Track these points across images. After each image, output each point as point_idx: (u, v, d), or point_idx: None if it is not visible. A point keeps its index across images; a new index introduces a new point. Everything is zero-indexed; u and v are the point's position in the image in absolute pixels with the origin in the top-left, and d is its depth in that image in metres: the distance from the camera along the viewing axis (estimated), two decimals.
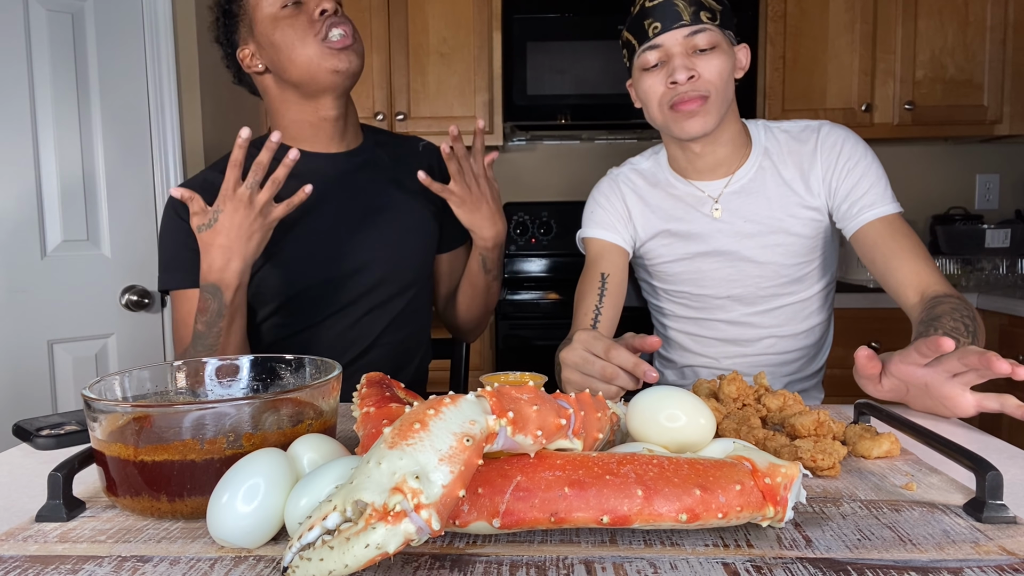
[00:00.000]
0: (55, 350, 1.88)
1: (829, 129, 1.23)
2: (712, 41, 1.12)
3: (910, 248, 1.14)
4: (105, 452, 0.59)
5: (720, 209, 1.24)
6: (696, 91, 1.12)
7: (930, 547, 0.52)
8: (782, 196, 1.22)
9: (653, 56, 1.15)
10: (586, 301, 1.26)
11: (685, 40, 1.12)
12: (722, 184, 1.25)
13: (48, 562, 0.51)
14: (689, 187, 1.26)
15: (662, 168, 1.30)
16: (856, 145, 1.21)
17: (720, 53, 1.13)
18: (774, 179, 1.23)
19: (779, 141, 1.24)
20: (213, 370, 0.75)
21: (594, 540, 0.53)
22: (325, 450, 0.58)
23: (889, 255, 1.14)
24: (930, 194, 2.85)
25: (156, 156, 2.02)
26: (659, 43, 1.13)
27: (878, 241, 1.16)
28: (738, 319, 1.29)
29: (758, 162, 1.24)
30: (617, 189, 1.32)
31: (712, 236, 1.25)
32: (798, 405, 0.78)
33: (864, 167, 1.19)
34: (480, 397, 0.49)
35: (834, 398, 1.47)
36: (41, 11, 1.80)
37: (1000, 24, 2.49)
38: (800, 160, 1.22)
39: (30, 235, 1.81)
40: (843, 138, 1.21)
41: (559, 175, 2.98)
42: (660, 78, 1.15)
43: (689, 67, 1.11)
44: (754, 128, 1.27)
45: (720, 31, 1.13)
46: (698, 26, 1.11)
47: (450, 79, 2.60)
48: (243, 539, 0.51)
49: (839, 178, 1.20)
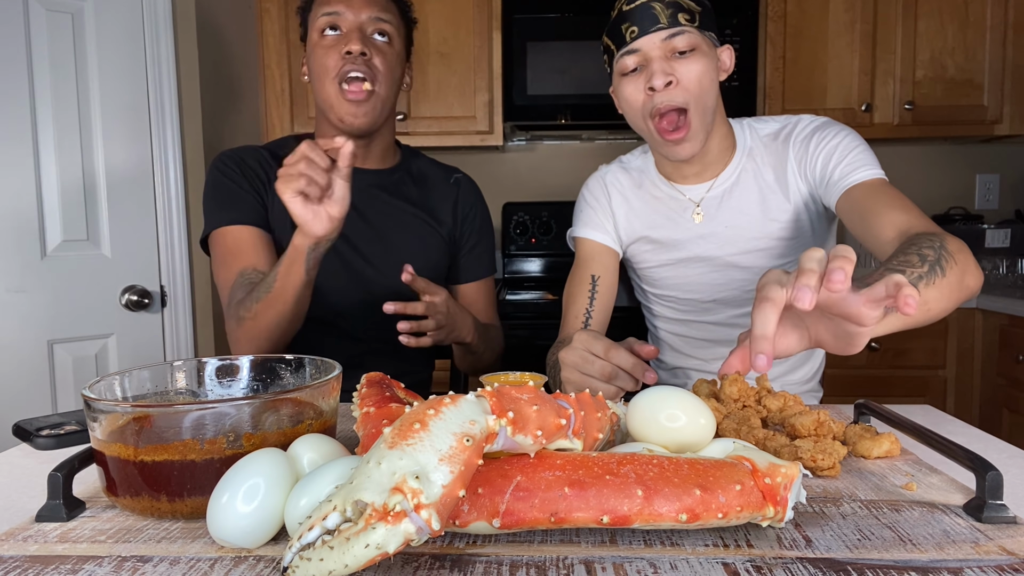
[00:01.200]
0: (55, 350, 1.88)
1: (804, 123, 1.19)
2: (691, 43, 1.09)
3: (893, 200, 1.03)
4: (105, 452, 0.59)
5: (702, 214, 1.22)
6: (673, 101, 1.09)
7: (930, 547, 0.52)
8: (762, 199, 1.20)
9: (631, 60, 1.12)
10: (576, 303, 1.25)
11: (663, 43, 1.09)
12: (705, 188, 1.23)
13: (48, 562, 0.51)
14: (672, 190, 1.25)
15: (649, 168, 1.29)
16: (828, 127, 1.17)
17: (700, 56, 1.10)
18: (755, 181, 1.21)
19: (761, 142, 1.22)
20: (213, 370, 0.75)
21: (594, 540, 0.53)
22: (325, 450, 0.58)
23: (868, 214, 1.04)
24: (930, 194, 2.85)
25: (156, 156, 2.02)
26: (637, 47, 1.10)
27: (857, 202, 1.08)
28: (726, 321, 1.28)
29: (741, 164, 1.22)
30: (604, 189, 1.31)
31: (694, 242, 1.23)
32: (798, 406, 0.78)
33: (837, 142, 1.14)
34: (480, 397, 0.49)
35: (834, 398, 1.47)
36: (41, 11, 1.80)
37: (1000, 24, 2.49)
38: (776, 160, 1.20)
39: (30, 235, 1.81)
40: (814, 126, 1.18)
41: (559, 175, 2.98)
42: (639, 84, 1.12)
43: (667, 71, 1.09)
44: (739, 129, 1.24)
45: (700, 33, 1.10)
46: (676, 28, 1.08)
47: (450, 79, 2.60)
48: (243, 539, 0.51)
49: (812, 161, 1.16)
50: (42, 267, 1.84)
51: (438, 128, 2.61)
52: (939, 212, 2.84)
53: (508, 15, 2.54)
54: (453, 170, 1.42)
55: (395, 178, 1.33)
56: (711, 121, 1.15)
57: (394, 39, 1.21)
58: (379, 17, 1.18)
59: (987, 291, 2.31)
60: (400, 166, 1.35)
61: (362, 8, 1.17)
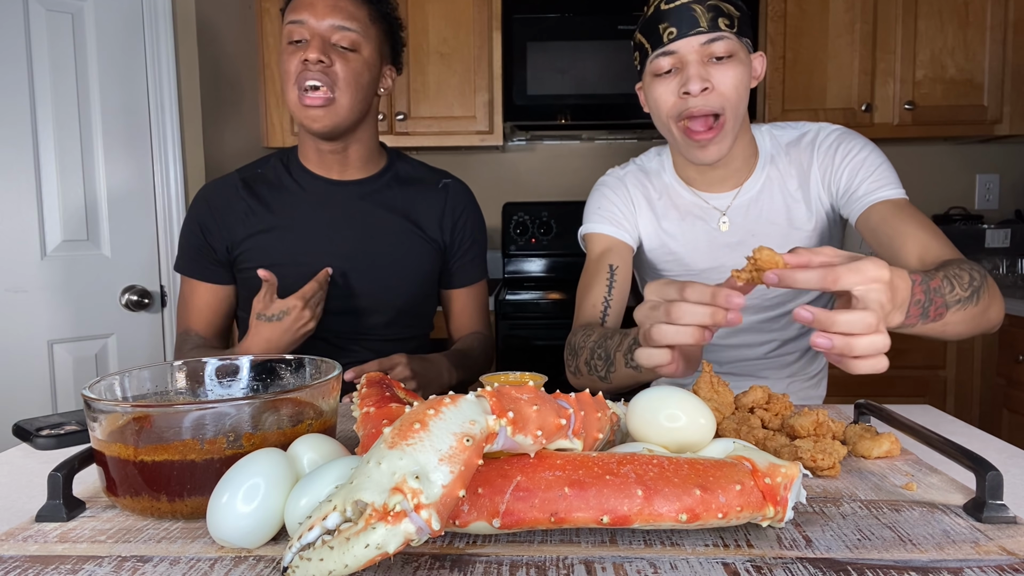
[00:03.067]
0: (55, 350, 1.88)
1: (826, 132, 1.19)
2: (729, 50, 1.06)
3: (918, 224, 1.05)
4: (105, 452, 0.59)
5: (728, 223, 1.20)
6: (708, 106, 1.07)
7: (930, 547, 0.52)
8: (787, 208, 1.19)
9: (667, 62, 1.08)
10: (594, 291, 1.21)
11: (701, 48, 1.06)
12: (731, 196, 1.20)
13: (48, 562, 0.51)
14: (696, 198, 1.22)
15: (667, 172, 1.26)
16: (852, 139, 1.17)
17: (737, 63, 1.07)
18: (780, 190, 1.19)
19: (782, 149, 1.21)
20: (213, 370, 0.75)
21: (594, 540, 0.53)
22: (325, 450, 0.58)
23: (893, 234, 1.06)
24: (930, 194, 2.85)
25: (156, 156, 2.02)
26: (674, 49, 1.07)
27: (882, 221, 1.09)
28: (742, 324, 1.26)
29: (765, 172, 1.20)
30: (624, 188, 1.28)
31: (719, 251, 1.21)
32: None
33: (862, 157, 1.14)
34: (480, 397, 0.49)
35: (834, 398, 1.47)
36: (41, 11, 1.80)
37: (1000, 24, 2.49)
38: (801, 169, 1.19)
39: (30, 235, 1.81)
40: (838, 136, 1.18)
41: (559, 175, 2.98)
42: (672, 87, 1.09)
43: (704, 77, 1.06)
44: (759, 135, 1.22)
45: (738, 39, 1.07)
46: (716, 33, 1.05)
47: (450, 79, 2.60)
48: (243, 539, 0.51)
49: (838, 175, 1.16)
50: (42, 267, 1.84)
51: (438, 128, 2.61)
52: (939, 212, 2.84)
53: (508, 15, 2.54)
54: (442, 174, 1.39)
55: (379, 185, 1.32)
56: (738, 128, 1.13)
57: (361, 45, 1.20)
58: (342, 25, 1.18)
59: None
60: (385, 171, 1.34)
61: (325, 15, 1.17)
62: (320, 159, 1.29)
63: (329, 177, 1.30)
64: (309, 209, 1.28)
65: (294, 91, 1.19)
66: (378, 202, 1.31)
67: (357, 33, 1.19)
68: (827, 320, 0.64)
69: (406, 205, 1.33)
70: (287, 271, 1.24)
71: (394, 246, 1.30)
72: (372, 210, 1.30)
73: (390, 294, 1.30)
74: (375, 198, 1.31)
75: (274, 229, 1.27)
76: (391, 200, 1.32)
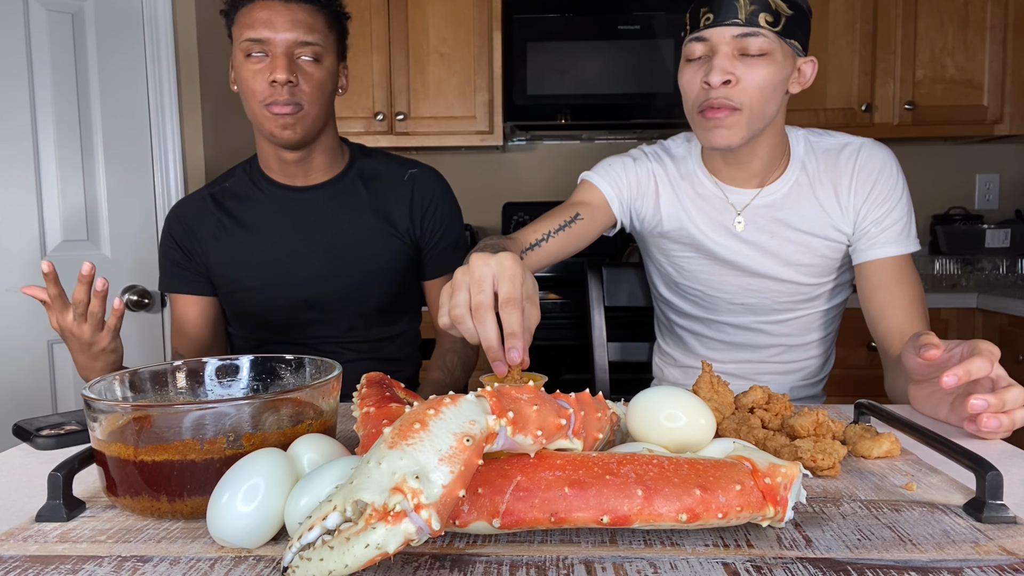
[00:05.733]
0: (55, 350, 1.88)
1: (870, 152, 1.16)
2: (764, 48, 1.02)
3: (911, 298, 1.11)
4: (105, 452, 0.59)
5: (743, 223, 1.18)
6: (728, 100, 1.04)
7: (930, 547, 0.52)
8: (815, 216, 1.16)
9: (698, 48, 1.06)
10: (543, 223, 1.15)
11: (733, 40, 1.02)
12: (751, 194, 1.18)
13: (48, 562, 0.51)
14: (716, 189, 1.20)
15: (693, 158, 1.23)
16: (892, 175, 1.15)
17: (770, 63, 1.03)
18: (808, 197, 1.17)
19: (818, 158, 1.18)
20: (213, 370, 0.75)
21: (594, 540, 0.53)
22: (325, 450, 0.58)
23: (889, 301, 1.12)
24: (930, 194, 2.85)
25: (156, 156, 2.02)
26: (706, 36, 1.04)
27: (882, 282, 1.13)
28: (748, 325, 1.25)
29: (795, 177, 1.17)
30: (648, 167, 1.23)
31: (731, 248, 1.19)
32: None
33: (895, 201, 1.14)
34: (480, 397, 0.49)
35: (834, 398, 1.47)
36: (41, 11, 1.80)
37: (1000, 24, 2.49)
38: (837, 181, 1.16)
39: (30, 235, 1.81)
40: (881, 164, 1.15)
41: (559, 175, 2.98)
42: (698, 74, 1.06)
43: (727, 70, 1.02)
44: (794, 138, 1.19)
45: (779, 39, 1.03)
46: (751, 29, 1.01)
47: (450, 79, 2.60)
48: (243, 539, 0.51)
49: (869, 206, 1.14)
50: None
51: (438, 128, 2.61)
52: (939, 212, 2.84)
53: (508, 15, 2.54)
54: (409, 164, 1.36)
55: (344, 185, 1.30)
56: (761, 128, 1.09)
57: (323, 55, 1.19)
58: (305, 40, 1.15)
59: (987, 291, 2.31)
60: (349, 170, 1.32)
61: (287, 30, 1.14)
62: (282, 168, 1.28)
63: (293, 184, 1.29)
64: (277, 219, 1.28)
65: (260, 106, 1.17)
66: (345, 204, 1.29)
67: (319, 45, 1.17)
68: (999, 403, 0.78)
69: (373, 202, 1.31)
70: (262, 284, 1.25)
71: (365, 246, 1.29)
72: (339, 212, 1.29)
73: (367, 294, 1.30)
74: (341, 199, 1.29)
75: (246, 243, 1.27)
76: (358, 199, 1.30)
